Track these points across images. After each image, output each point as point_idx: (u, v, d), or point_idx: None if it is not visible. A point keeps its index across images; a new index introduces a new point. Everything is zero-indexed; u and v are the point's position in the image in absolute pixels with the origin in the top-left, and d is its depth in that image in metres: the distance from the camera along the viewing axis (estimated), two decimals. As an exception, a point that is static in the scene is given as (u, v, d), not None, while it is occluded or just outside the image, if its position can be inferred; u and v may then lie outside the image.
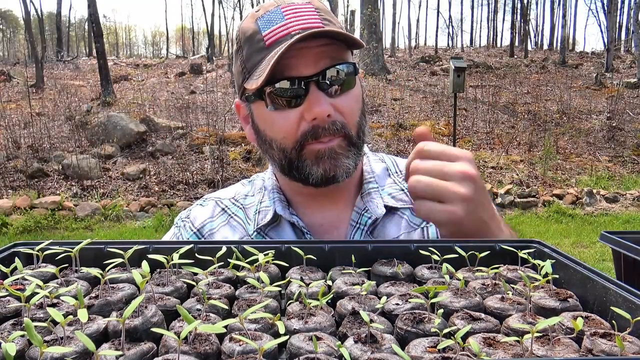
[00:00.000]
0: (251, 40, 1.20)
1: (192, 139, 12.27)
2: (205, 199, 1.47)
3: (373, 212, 1.31)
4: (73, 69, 22.71)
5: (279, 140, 1.21)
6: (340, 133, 1.18)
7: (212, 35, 33.74)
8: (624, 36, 34.75)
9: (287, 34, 1.15)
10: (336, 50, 1.18)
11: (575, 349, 0.72)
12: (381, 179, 1.39)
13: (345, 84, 1.20)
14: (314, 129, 1.17)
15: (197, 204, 1.47)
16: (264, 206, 1.36)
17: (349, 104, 1.20)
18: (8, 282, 0.89)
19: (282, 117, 1.19)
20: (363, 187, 1.36)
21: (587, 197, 9.93)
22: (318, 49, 1.16)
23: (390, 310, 0.86)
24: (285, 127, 1.19)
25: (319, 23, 1.18)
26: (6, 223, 8.52)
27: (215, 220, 1.39)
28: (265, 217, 1.33)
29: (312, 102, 1.15)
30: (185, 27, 64.28)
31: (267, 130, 1.23)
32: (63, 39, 32.11)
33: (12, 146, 11.64)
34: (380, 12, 21.19)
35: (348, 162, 1.21)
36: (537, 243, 1.10)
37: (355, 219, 1.33)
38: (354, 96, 1.22)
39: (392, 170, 1.45)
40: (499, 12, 50.05)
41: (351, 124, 1.21)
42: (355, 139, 1.22)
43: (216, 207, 1.42)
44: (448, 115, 14.01)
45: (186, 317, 0.72)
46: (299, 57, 1.15)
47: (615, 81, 18.35)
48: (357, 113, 1.23)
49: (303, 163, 1.21)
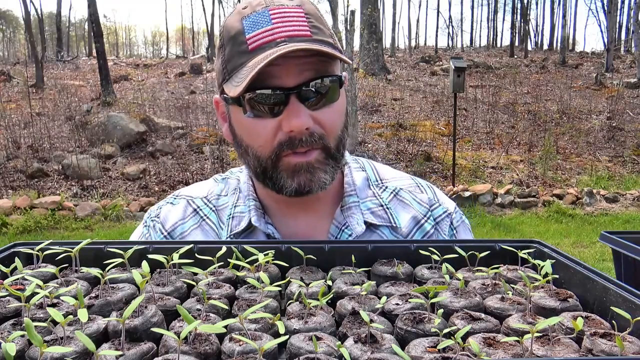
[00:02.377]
0: (234, 40, 1.15)
1: (192, 139, 12.27)
2: (176, 197, 1.41)
3: (353, 229, 1.28)
4: (73, 69, 22.70)
5: (255, 148, 1.18)
6: (318, 145, 1.15)
7: (212, 35, 33.71)
8: (624, 36, 34.74)
9: (272, 40, 1.10)
10: (321, 62, 1.14)
11: (575, 349, 0.72)
12: (361, 191, 1.35)
13: (328, 96, 1.16)
14: (290, 139, 1.13)
15: (167, 202, 1.39)
16: (238, 211, 1.31)
17: (329, 117, 1.17)
18: (8, 282, 0.89)
19: (260, 125, 1.15)
20: (344, 200, 1.32)
21: (587, 197, 9.93)
22: (303, 59, 1.11)
23: (390, 310, 0.86)
24: (263, 135, 1.15)
25: (307, 31, 1.13)
26: (6, 223, 8.51)
27: (187, 222, 1.34)
28: (240, 224, 1.28)
29: (291, 114, 1.11)
30: (185, 27, 64.28)
31: (244, 136, 1.20)
32: (63, 39, 32.10)
33: (12, 146, 11.64)
34: (380, 12, 21.19)
35: (325, 176, 1.18)
36: (537, 243, 1.10)
37: (334, 234, 1.29)
38: (336, 109, 1.18)
39: (372, 180, 1.40)
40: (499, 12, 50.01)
41: (331, 136, 1.18)
42: (334, 152, 1.19)
43: (188, 207, 1.36)
44: (448, 115, 14.00)
45: (186, 317, 0.72)
46: (283, 67, 1.11)
47: (615, 81, 18.34)
48: (338, 126, 1.20)
49: (278, 174, 1.18)
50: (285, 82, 1.11)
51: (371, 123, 13.76)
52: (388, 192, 1.37)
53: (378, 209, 1.33)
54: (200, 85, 17.49)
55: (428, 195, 1.40)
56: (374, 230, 1.31)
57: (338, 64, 1.20)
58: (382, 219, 1.31)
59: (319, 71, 1.14)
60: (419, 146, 12.23)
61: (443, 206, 1.38)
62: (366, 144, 12.29)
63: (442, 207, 1.38)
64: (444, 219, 1.36)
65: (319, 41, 1.13)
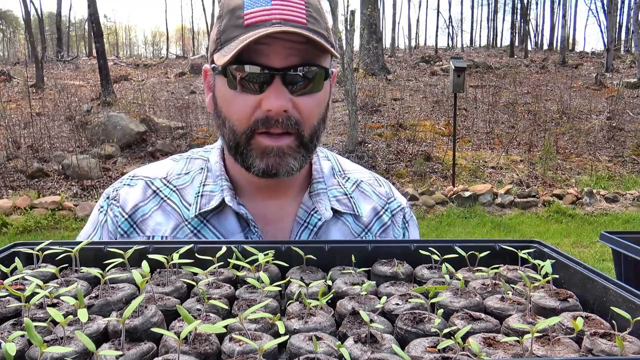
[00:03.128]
0: (232, 13, 1.17)
1: (192, 139, 12.27)
2: (133, 178, 1.39)
3: (322, 214, 1.32)
4: (73, 69, 22.70)
5: (233, 121, 1.20)
6: (292, 129, 1.18)
7: (212, 35, 33.65)
8: (624, 36, 34.74)
9: (267, 20, 1.13)
10: (311, 50, 1.16)
11: (575, 349, 0.72)
12: (328, 179, 1.41)
13: (311, 85, 1.18)
14: (267, 118, 1.16)
15: (124, 184, 1.38)
16: (207, 190, 1.32)
17: (309, 105, 1.19)
18: (8, 282, 0.89)
19: (241, 100, 1.17)
20: (312, 186, 1.36)
21: (587, 197, 9.93)
22: (293, 44, 1.14)
23: (390, 310, 0.86)
24: (241, 110, 1.18)
25: (303, 18, 1.15)
26: (6, 223, 8.51)
27: (148, 204, 1.33)
28: (210, 202, 1.29)
29: (272, 94, 1.14)
30: (185, 27, 64.29)
31: (224, 107, 1.22)
32: (63, 39, 32.09)
33: (12, 146, 11.64)
34: (380, 12, 21.19)
35: (294, 162, 1.21)
36: (537, 243, 1.10)
37: (302, 217, 1.32)
38: (317, 99, 1.21)
39: (335, 170, 1.45)
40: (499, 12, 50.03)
41: (307, 124, 1.20)
42: (306, 141, 1.22)
43: (147, 188, 1.35)
44: (448, 115, 14.00)
45: (186, 317, 0.72)
46: (272, 47, 1.13)
47: (615, 81, 18.35)
48: (316, 116, 1.22)
49: (249, 152, 1.20)
50: (272, 62, 1.14)
51: (371, 123, 13.76)
52: (350, 182, 1.44)
53: (343, 197, 1.39)
54: (200, 85, 17.48)
55: (385, 189, 1.48)
56: (339, 217, 1.36)
57: (328, 58, 1.22)
58: (347, 207, 1.37)
59: (307, 59, 1.16)
60: (419, 146, 12.23)
61: (397, 201, 1.47)
62: (366, 144, 12.29)
63: (397, 201, 1.47)
64: (398, 212, 1.45)
65: (312, 30, 1.15)
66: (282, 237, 1.32)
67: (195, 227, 1.29)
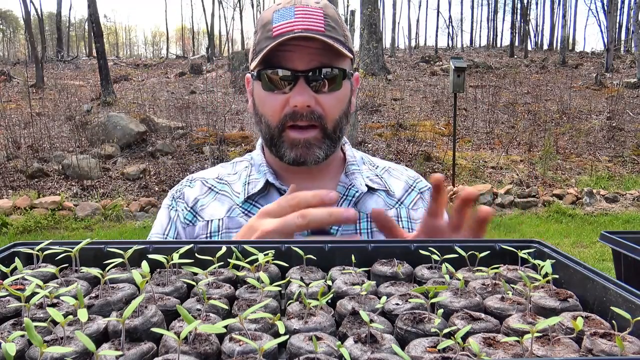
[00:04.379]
0: (264, 28, 1.40)
1: (192, 139, 12.27)
2: (191, 180, 1.60)
3: (358, 187, 1.51)
4: (73, 69, 22.70)
5: (267, 117, 1.41)
6: (316, 122, 1.37)
7: (212, 36, 33.72)
8: (624, 36, 34.73)
9: (290, 30, 1.33)
10: (329, 55, 1.36)
11: (575, 349, 0.72)
12: (359, 164, 1.61)
13: (331, 85, 1.38)
14: (294, 113, 1.36)
15: (185, 185, 1.59)
16: (253, 178, 1.52)
17: (330, 102, 1.38)
18: (8, 282, 0.89)
19: (272, 98, 1.39)
20: (347, 167, 1.56)
21: (587, 197, 9.93)
22: (314, 49, 1.34)
23: (390, 310, 0.86)
24: (273, 107, 1.39)
25: (321, 27, 1.36)
26: (6, 223, 8.51)
27: (205, 198, 1.53)
28: (256, 186, 1.49)
29: (296, 92, 1.35)
30: (185, 27, 64.25)
31: (260, 106, 1.44)
32: (63, 39, 32.07)
33: (12, 146, 11.64)
34: (380, 12, 21.18)
35: (319, 152, 1.41)
36: (537, 243, 1.10)
37: (341, 191, 1.50)
38: (337, 96, 1.40)
39: (366, 160, 1.67)
40: (499, 12, 50.03)
41: (329, 118, 1.39)
42: (330, 132, 1.41)
43: (203, 186, 1.56)
44: (448, 115, 14.01)
45: (186, 317, 0.72)
46: (296, 53, 1.34)
47: (615, 81, 18.35)
48: (338, 112, 1.41)
49: (282, 144, 1.41)
50: (296, 65, 1.35)
51: (371, 123, 13.76)
52: (380, 168, 1.66)
53: (374, 178, 1.60)
54: (200, 85, 17.49)
55: (413, 173, 1.71)
56: (373, 193, 1.55)
57: (348, 61, 1.43)
58: (379, 185, 1.58)
59: (326, 62, 1.37)
60: (419, 146, 12.23)
61: (424, 182, 1.68)
62: (366, 144, 12.29)
63: (423, 182, 1.68)
64: (426, 191, 1.65)
65: (330, 37, 1.36)
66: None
67: (246, 209, 1.47)
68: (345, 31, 1.45)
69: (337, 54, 1.36)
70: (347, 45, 1.41)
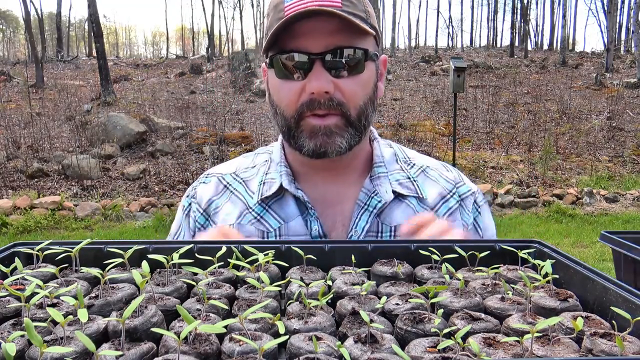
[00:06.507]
0: (275, 9, 1.26)
1: (192, 139, 12.26)
2: (207, 175, 1.50)
3: (382, 196, 1.34)
4: (73, 69, 22.70)
5: (282, 107, 1.28)
6: (336, 110, 1.23)
7: (212, 35, 33.71)
8: (624, 36, 34.72)
9: (303, 9, 1.18)
10: (349, 33, 1.21)
11: (575, 349, 0.72)
12: (389, 164, 1.43)
13: (353, 67, 1.23)
14: (311, 101, 1.22)
15: (200, 182, 1.50)
16: (269, 178, 1.40)
17: (351, 87, 1.24)
18: (8, 282, 0.89)
19: (287, 87, 1.25)
20: (373, 170, 1.39)
21: (587, 197, 9.92)
22: (329, 28, 1.19)
23: (390, 310, 0.86)
24: (288, 96, 1.25)
25: (338, 3, 1.20)
26: (6, 223, 8.51)
27: (220, 198, 1.43)
28: (270, 188, 1.36)
29: (313, 77, 1.21)
30: (185, 27, 64.23)
31: (275, 96, 1.30)
32: (63, 39, 32.07)
33: (12, 146, 11.63)
34: (380, 12, 21.19)
35: (341, 141, 1.25)
36: (537, 243, 1.10)
37: (363, 200, 1.35)
38: (360, 80, 1.25)
39: (399, 157, 1.48)
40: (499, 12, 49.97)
41: (351, 105, 1.25)
42: (354, 120, 1.26)
43: (219, 184, 1.46)
44: (448, 115, 14.00)
45: (186, 317, 0.72)
46: (311, 34, 1.20)
47: (615, 81, 18.35)
48: (361, 97, 1.26)
49: (300, 134, 1.27)
50: (311, 48, 1.21)
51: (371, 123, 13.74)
52: (415, 168, 1.46)
53: (405, 181, 1.40)
54: (200, 85, 17.49)
55: (454, 174, 1.49)
56: (402, 200, 1.37)
57: (369, 39, 1.27)
58: (410, 190, 1.39)
59: (345, 42, 1.21)
60: (419, 146, 12.23)
61: (467, 185, 1.47)
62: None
63: (466, 186, 1.46)
64: (469, 196, 1.44)
65: (348, 12, 1.20)
66: (341, 219, 1.36)
67: (259, 214, 1.36)
68: (367, 6, 1.29)
69: (358, 31, 1.21)
70: (369, 21, 1.26)
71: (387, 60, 1.43)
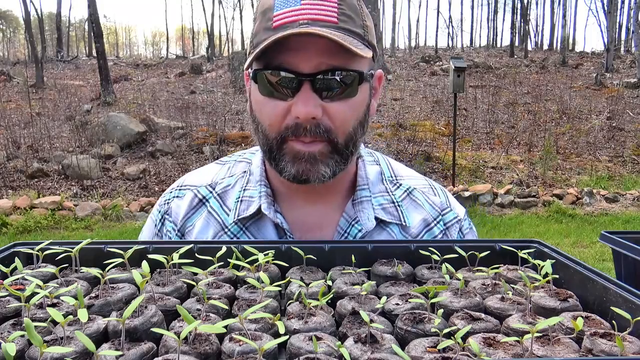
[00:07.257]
0: (264, 15, 1.15)
1: (192, 139, 12.26)
2: (181, 189, 1.39)
3: (364, 224, 1.27)
4: (73, 69, 22.70)
5: (265, 126, 1.18)
6: (322, 137, 1.14)
7: (212, 35, 33.73)
8: (624, 36, 34.72)
9: (294, 20, 1.09)
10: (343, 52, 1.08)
11: (575, 349, 0.72)
12: (374, 185, 1.34)
13: (344, 91, 1.13)
14: (296, 126, 1.13)
15: (174, 196, 1.38)
16: (247, 195, 1.30)
17: (341, 112, 1.14)
18: (8, 282, 0.89)
19: (271, 105, 1.15)
20: (356, 193, 1.30)
21: (587, 197, 9.92)
22: (324, 45, 1.08)
23: (390, 310, 0.86)
24: (272, 116, 1.15)
25: (334, 17, 1.10)
26: (6, 223, 8.51)
27: (194, 215, 1.34)
28: (248, 209, 1.27)
29: (300, 101, 1.10)
30: (185, 27, 64.25)
31: (257, 112, 1.20)
32: (63, 39, 32.07)
33: (12, 146, 11.63)
34: (380, 12, 21.20)
35: (326, 169, 1.16)
36: (537, 243, 1.10)
37: (343, 227, 1.28)
38: (351, 104, 1.15)
39: (386, 175, 1.39)
40: (499, 12, 50.01)
41: (340, 131, 1.15)
42: (340, 147, 1.17)
43: (194, 198, 1.36)
44: (448, 115, 14.00)
45: (186, 317, 0.72)
46: (302, 51, 1.09)
47: (615, 81, 18.35)
48: (351, 122, 1.16)
49: (282, 157, 1.17)
50: (301, 67, 1.10)
51: (371, 123, 13.74)
52: (401, 190, 1.36)
53: (389, 205, 1.32)
54: (200, 85, 17.49)
55: (440, 199, 1.39)
56: (384, 227, 1.29)
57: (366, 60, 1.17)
58: (393, 216, 1.30)
59: (339, 63, 1.11)
60: (419, 146, 12.23)
61: (454, 211, 1.38)
62: (366, 144, 12.20)
63: (452, 212, 1.37)
64: (454, 224, 1.36)
65: (344, 29, 1.10)
66: None
67: (235, 235, 1.28)
68: (366, 20, 1.17)
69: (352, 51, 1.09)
70: (367, 38, 1.15)
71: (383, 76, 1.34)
